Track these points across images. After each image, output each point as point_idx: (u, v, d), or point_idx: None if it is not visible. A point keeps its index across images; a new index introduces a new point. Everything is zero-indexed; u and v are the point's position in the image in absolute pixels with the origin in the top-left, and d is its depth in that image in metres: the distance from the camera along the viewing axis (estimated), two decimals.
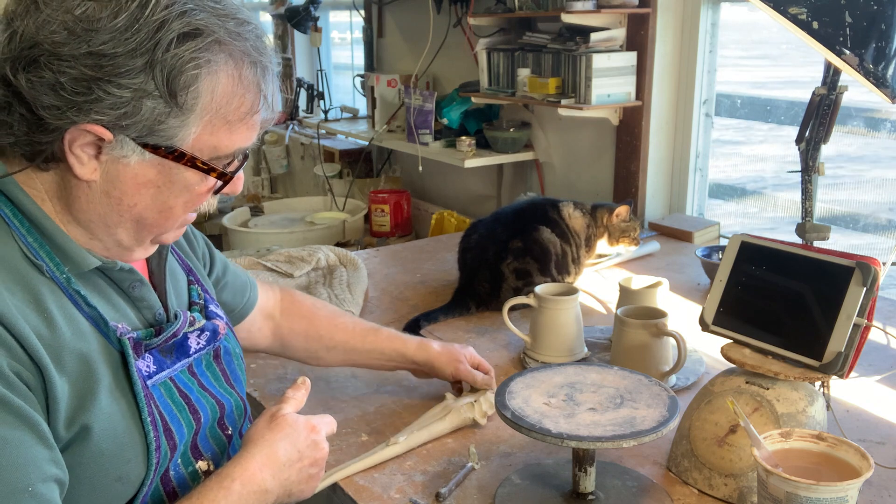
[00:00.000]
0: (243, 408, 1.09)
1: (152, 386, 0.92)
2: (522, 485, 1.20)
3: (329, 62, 5.03)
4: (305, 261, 2.10)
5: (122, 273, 0.94)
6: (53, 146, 0.83)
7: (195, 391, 0.99)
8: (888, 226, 2.27)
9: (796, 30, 1.36)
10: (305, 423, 1.03)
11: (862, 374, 1.55)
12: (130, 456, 0.88)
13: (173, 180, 0.88)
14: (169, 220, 0.91)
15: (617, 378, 1.20)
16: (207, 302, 1.09)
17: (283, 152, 5.00)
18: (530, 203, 2.08)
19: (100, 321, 0.89)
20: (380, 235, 3.79)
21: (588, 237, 2.04)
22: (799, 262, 1.20)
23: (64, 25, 0.79)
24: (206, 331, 1.03)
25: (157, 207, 0.89)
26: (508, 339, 1.75)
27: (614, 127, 2.67)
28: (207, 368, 1.03)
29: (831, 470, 1.00)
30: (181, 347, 0.99)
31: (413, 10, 3.68)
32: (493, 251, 1.90)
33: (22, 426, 0.78)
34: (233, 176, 0.91)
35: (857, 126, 2.27)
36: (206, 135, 0.86)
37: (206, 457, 0.99)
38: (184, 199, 0.90)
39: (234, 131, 0.88)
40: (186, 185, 0.89)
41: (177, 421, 0.95)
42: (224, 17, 0.85)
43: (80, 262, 0.89)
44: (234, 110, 0.87)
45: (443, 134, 3.28)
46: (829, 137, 1.58)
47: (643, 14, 2.51)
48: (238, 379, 1.09)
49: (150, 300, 0.97)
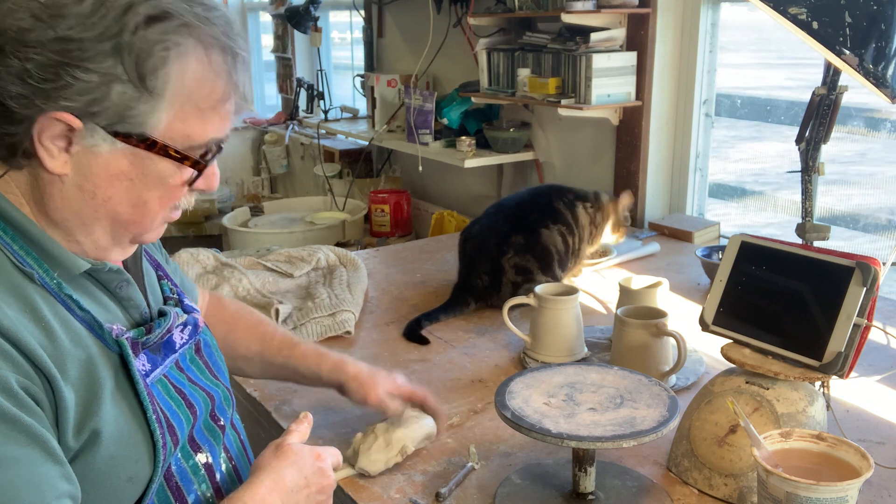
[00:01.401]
0: (230, 398, 1.09)
1: (151, 384, 0.92)
2: (522, 485, 1.20)
3: (329, 62, 5.03)
4: (305, 261, 2.10)
5: (110, 274, 0.93)
6: (24, 140, 0.82)
7: (186, 385, 0.99)
8: (888, 226, 2.27)
9: (796, 30, 1.36)
10: (310, 451, 1.03)
11: (862, 374, 1.55)
12: (139, 455, 0.88)
13: (146, 172, 0.86)
14: (146, 217, 0.90)
15: (617, 378, 1.20)
16: (181, 296, 1.08)
17: (283, 152, 5.00)
18: (535, 193, 2.06)
19: (94, 325, 0.88)
20: (380, 235, 3.79)
21: (593, 229, 2.03)
22: (799, 262, 1.20)
23: (30, 12, 0.79)
24: (189, 325, 1.03)
25: (132, 202, 0.87)
26: (508, 339, 1.75)
27: (614, 127, 2.67)
28: (192, 362, 1.03)
29: (831, 470, 1.00)
30: (168, 344, 0.98)
31: (413, 10, 3.68)
32: (494, 242, 1.89)
33: (32, 444, 0.77)
34: (207, 164, 0.89)
35: (857, 126, 2.27)
36: (178, 123, 0.85)
37: (203, 449, 0.99)
38: (159, 194, 0.88)
39: (206, 120, 0.87)
40: (160, 177, 0.87)
41: (176, 416, 0.95)
42: (191, 2, 0.84)
43: (70, 265, 0.88)
44: (205, 97, 0.85)
45: (443, 134, 3.28)
46: (829, 137, 1.58)
47: (643, 14, 2.51)
48: (220, 370, 1.09)
49: (136, 299, 0.96)
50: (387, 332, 1.81)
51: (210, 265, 2.02)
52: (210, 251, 2.06)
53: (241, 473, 1.05)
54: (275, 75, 5.54)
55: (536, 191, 2.11)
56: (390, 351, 1.71)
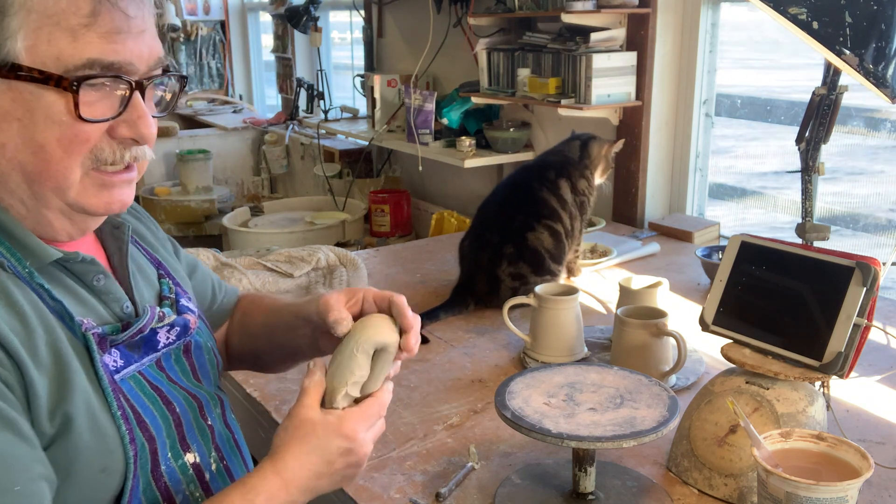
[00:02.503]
0: (217, 400, 1.06)
1: (121, 380, 0.91)
2: (522, 485, 1.20)
3: (329, 62, 5.03)
4: (305, 261, 2.10)
5: (83, 265, 0.91)
6: None
7: (165, 384, 0.97)
8: (888, 226, 2.27)
9: (796, 30, 1.36)
10: (337, 430, 0.92)
11: (862, 374, 1.55)
12: (112, 447, 0.87)
13: (31, 108, 0.80)
14: (51, 166, 0.83)
15: (617, 378, 1.20)
16: (179, 296, 1.06)
17: (283, 152, 5.00)
18: (514, 184, 2.03)
19: (65, 315, 0.87)
20: (380, 235, 3.79)
21: (583, 199, 2.01)
22: (799, 262, 1.20)
23: None
24: (177, 326, 1.01)
25: (30, 147, 0.82)
26: (508, 338, 1.75)
27: (614, 127, 2.67)
28: (176, 363, 1.01)
29: (831, 470, 1.00)
30: (149, 342, 0.97)
31: (413, 10, 3.68)
32: (488, 258, 1.90)
33: (4, 427, 0.77)
34: (80, 84, 0.80)
35: (857, 126, 2.27)
36: (44, 44, 0.79)
37: (192, 449, 0.98)
38: (55, 134, 0.82)
39: (78, 38, 0.79)
40: (48, 113, 0.81)
41: (150, 413, 0.93)
42: None
43: (41, 254, 0.86)
44: (68, 13, 0.79)
45: (443, 134, 3.28)
46: (829, 137, 1.58)
47: (643, 14, 2.51)
48: (206, 373, 1.06)
49: (115, 293, 0.94)
50: None
51: (210, 265, 2.02)
52: (210, 251, 2.06)
53: (234, 473, 1.04)
54: (275, 75, 5.55)
55: (516, 181, 2.05)
56: None
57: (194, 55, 6.21)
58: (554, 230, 1.92)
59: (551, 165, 2.03)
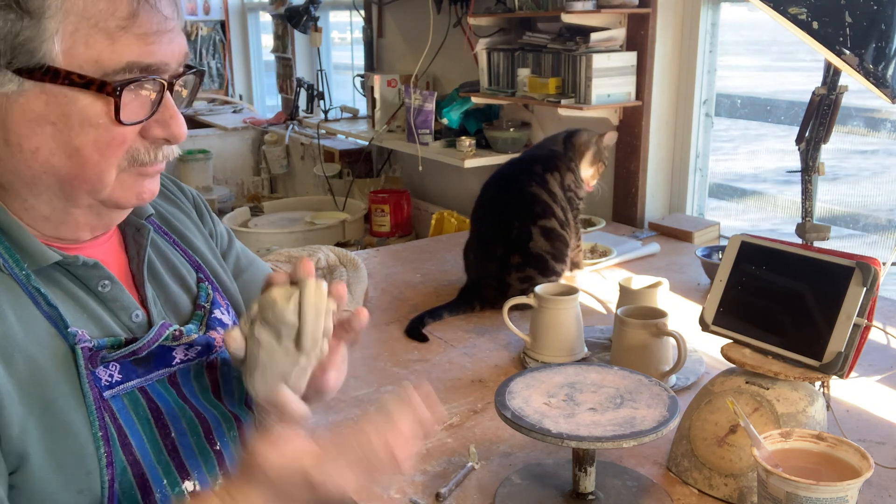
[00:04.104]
0: (232, 420, 0.99)
1: (112, 397, 0.86)
2: (522, 485, 1.20)
3: (329, 62, 5.03)
4: None
5: (86, 269, 0.87)
6: None
7: (170, 402, 0.92)
8: (888, 226, 2.27)
9: (796, 30, 1.36)
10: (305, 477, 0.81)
11: (862, 374, 1.55)
12: (90, 467, 0.83)
13: (67, 112, 0.78)
14: (87, 169, 0.81)
15: (617, 378, 1.20)
16: (215, 305, 1.01)
17: (283, 152, 5.01)
18: (505, 182, 2.01)
19: (59, 321, 0.83)
20: (380, 235, 3.79)
21: (571, 193, 2.00)
22: (799, 262, 1.20)
23: None
24: (197, 345, 0.95)
25: (65, 151, 0.80)
26: (508, 339, 1.75)
27: (614, 127, 2.67)
28: (195, 378, 0.96)
29: (831, 470, 1.00)
30: (161, 357, 0.92)
31: (413, 10, 3.68)
32: (496, 268, 1.92)
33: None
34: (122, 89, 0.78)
35: (857, 126, 2.27)
36: (81, 47, 0.77)
37: (192, 476, 0.92)
38: (91, 138, 0.80)
39: (116, 41, 0.77)
40: (84, 116, 0.79)
41: (138, 435, 0.87)
42: None
43: (39, 256, 0.84)
44: (106, 14, 0.77)
45: (443, 134, 3.28)
46: (829, 137, 1.58)
47: (643, 14, 2.51)
48: (230, 391, 1.01)
49: (123, 300, 0.90)
50: (387, 332, 1.80)
51: None
52: None
53: None
54: (275, 75, 5.55)
55: (506, 179, 2.03)
56: (390, 351, 1.71)
57: (194, 55, 6.21)
58: (550, 228, 1.92)
59: (538, 159, 2.02)
